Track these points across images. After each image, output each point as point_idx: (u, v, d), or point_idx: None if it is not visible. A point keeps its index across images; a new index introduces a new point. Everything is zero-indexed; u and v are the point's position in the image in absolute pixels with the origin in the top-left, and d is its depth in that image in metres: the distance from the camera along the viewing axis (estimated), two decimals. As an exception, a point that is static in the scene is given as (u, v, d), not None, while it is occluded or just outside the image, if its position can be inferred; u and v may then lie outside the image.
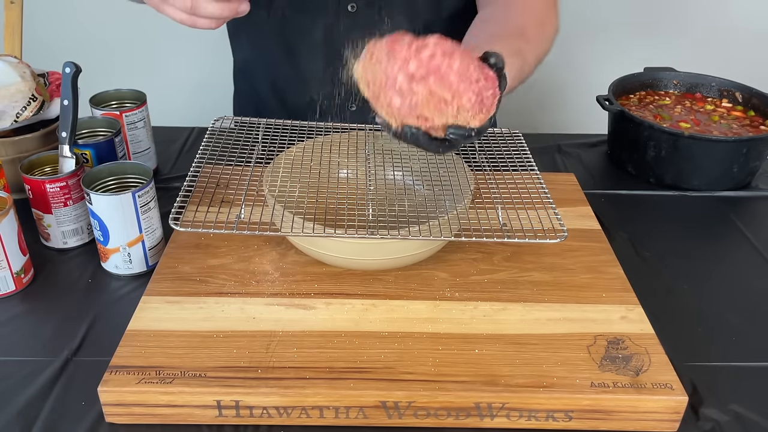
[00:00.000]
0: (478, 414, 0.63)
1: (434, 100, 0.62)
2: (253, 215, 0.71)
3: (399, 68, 0.61)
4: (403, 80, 0.61)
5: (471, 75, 0.62)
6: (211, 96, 1.53)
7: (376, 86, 0.63)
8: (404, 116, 0.63)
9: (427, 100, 0.62)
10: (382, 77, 0.62)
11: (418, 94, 0.61)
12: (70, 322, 0.74)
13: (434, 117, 0.63)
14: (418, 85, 0.61)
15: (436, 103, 0.62)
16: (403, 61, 0.61)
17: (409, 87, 0.61)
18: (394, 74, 0.61)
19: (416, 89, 0.61)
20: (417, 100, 0.62)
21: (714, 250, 0.91)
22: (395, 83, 0.62)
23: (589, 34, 1.75)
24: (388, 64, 0.62)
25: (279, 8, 1.01)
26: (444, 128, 0.64)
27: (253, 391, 0.62)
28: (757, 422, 0.65)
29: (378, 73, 0.63)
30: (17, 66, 0.92)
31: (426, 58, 0.61)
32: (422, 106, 0.62)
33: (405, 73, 0.61)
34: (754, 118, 1.10)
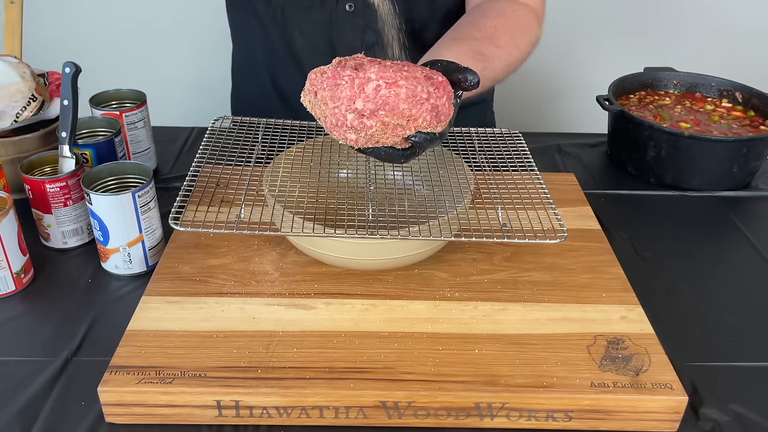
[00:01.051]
0: (478, 414, 0.63)
1: (389, 128, 0.63)
2: (253, 215, 0.71)
3: (346, 108, 0.62)
4: (354, 118, 0.62)
5: (420, 96, 0.62)
6: (211, 96, 1.53)
7: (328, 124, 0.64)
8: (363, 145, 0.64)
9: (382, 131, 0.63)
10: (330, 118, 0.63)
11: (372, 127, 0.62)
12: (70, 322, 0.74)
13: (394, 140, 0.64)
14: (369, 120, 0.62)
15: (393, 130, 0.63)
16: (348, 101, 0.62)
17: (361, 123, 0.62)
18: (343, 114, 0.62)
19: (369, 123, 0.62)
20: (372, 132, 0.62)
21: (714, 250, 0.91)
22: (346, 122, 0.62)
23: (589, 34, 1.76)
24: (334, 106, 0.63)
25: (278, 5, 1.01)
26: (405, 141, 0.64)
27: (253, 391, 0.62)
28: (757, 422, 0.65)
29: (326, 113, 0.64)
30: (17, 66, 0.92)
31: (371, 93, 0.61)
32: (379, 136, 0.63)
33: (353, 112, 0.62)
34: (754, 118, 1.10)
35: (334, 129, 0.64)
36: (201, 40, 1.70)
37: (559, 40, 1.70)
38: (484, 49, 0.81)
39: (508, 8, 0.91)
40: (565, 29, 1.70)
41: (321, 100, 0.64)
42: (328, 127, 0.65)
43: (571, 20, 1.69)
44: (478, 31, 0.84)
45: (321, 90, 0.64)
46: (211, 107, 1.26)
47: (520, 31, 0.88)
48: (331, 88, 0.63)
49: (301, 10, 1.01)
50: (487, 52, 0.81)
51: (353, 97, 0.62)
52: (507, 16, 0.89)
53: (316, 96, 0.65)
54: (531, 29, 0.91)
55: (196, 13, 1.70)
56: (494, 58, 0.82)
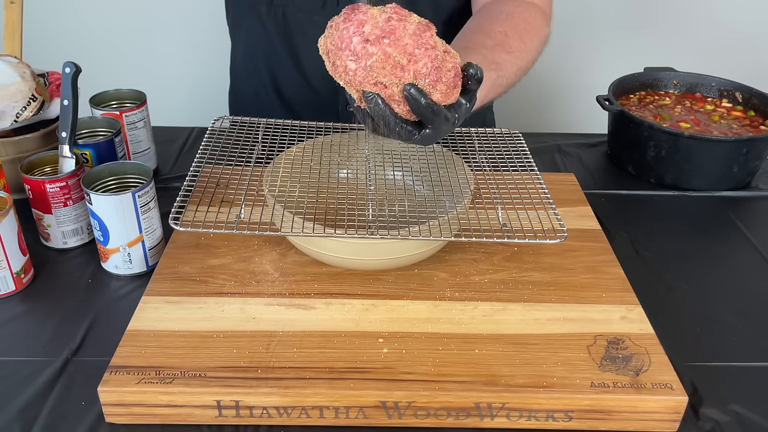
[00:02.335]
0: (478, 414, 0.63)
1: (389, 63, 0.61)
2: (253, 215, 0.71)
3: (354, 31, 0.61)
4: (358, 42, 0.61)
5: (427, 41, 0.62)
6: (211, 96, 1.53)
7: (333, 53, 0.63)
8: (360, 82, 0.62)
9: (382, 64, 0.61)
10: (338, 41, 0.62)
11: (373, 55, 0.61)
12: (70, 322, 0.74)
13: (391, 84, 0.62)
14: (372, 46, 0.61)
15: (392, 68, 0.61)
16: (358, 24, 0.61)
17: (364, 49, 0.61)
18: (349, 36, 0.61)
19: (371, 50, 0.61)
20: (372, 63, 0.61)
21: (714, 250, 0.91)
22: (350, 45, 0.61)
23: (590, 34, 1.76)
24: (344, 28, 0.62)
25: (279, 6, 1.01)
26: (403, 100, 0.63)
27: (253, 391, 0.62)
28: (757, 422, 0.65)
29: (335, 37, 0.63)
30: (17, 66, 0.92)
31: (381, 21, 0.61)
32: (378, 70, 0.61)
33: (360, 36, 0.61)
34: (754, 118, 1.10)
35: (337, 54, 0.62)
36: (201, 40, 1.71)
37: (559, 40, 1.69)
38: (496, 57, 0.81)
39: (515, 10, 0.90)
40: (565, 29, 1.70)
41: (335, 26, 0.63)
42: (332, 60, 0.63)
43: (571, 20, 1.69)
44: (488, 38, 0.84)
45: (338, 21, 0.64)
46: (211, 107, 1.27)
47: (529, 33, 0.88)
48: (346, 13, 0.63)
49: (303, 13, 1.01)
50: (499, 59, 0.82)
51: (363, 22, 0.61)
52: (515, 19, 0.89)
53: (331, 28, 0.64)
54: (540, 29, 0.91)
55: (196, 13, 1.71)
56: (506, 65, 0.82)
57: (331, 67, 0.64)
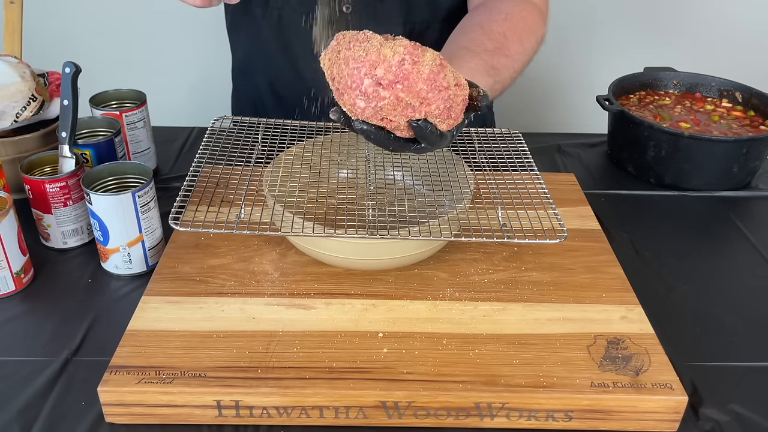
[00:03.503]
0: (478, 414, 0.63)
1: (401, 105, 0.61)
2: (253, 215, 0.71)
3: (366, 72, 0.60)
4: (369, 85, 0.60)
5: (440, 83, 0.61)
6: (211, 96, 1.53)
7: (341, 85, 0.62)
8: (368, 117, 0.62)
9: (393, 106, 0.61)
10: (347, 79, 0.61)
11: (385, 99, 0.60)
12: (70, 322, 0.74)
13: (399, 120, 0.62)
14: (384, 90, 0.60)
15: (403, 109, 0.61)
16: (370, 65, 0.60)
17: (376, 92, 0.60)
18: (360, 78, 0.60)
19: (383, 95, 0.60)
20: (383, 105, 0.61)
21: (714, 250, 0.91)
22: (361, 86, 0.61)
23: (590, 33, 1.76)
24: (354, 66, 0.61)
25: (275, 9, 1.01)
26: (407, 130, 0.63)
27: (253, 391, 0.62)
28: (757, 422, 0.65)
29: (344, 72, 0.62)
30: (17, 66, 0.92)
31: (395, 64, 0.60)
32: (388, 111, 0.61)
33: (372, 78, 0.60)
34: (754, 118, 1.10)
35: (346, 91, 0.62)
36: (201, 40, 1.71)
37: (559, 40, 1.70)
38: (495, 62, 0.82)
39: (514, 9, 0.90)
40: (566, 29, 1.70)
41: (343, 59, 0.62)
42: (339, 89, 0.63)
43: (571, 20, 1.69)
44: (488, 40, 0.84)
45: (346, 50, 0.62)
46: (211, 107, 1.26)
47: (527, 33, 0.88)
48: (355, 49, 0.61)
49: (299, 14, 1.01)
50: (498, 64, 0.82)
51: (376, 63, 0.60)
52: (514, 19, 0.89)
53: (339, 55, 0.63)
54: (537, 29, 0.91)
55: (196, 13, 1.70)
56: (504, 69, 0.83)
57: (336, 93, 0.64)
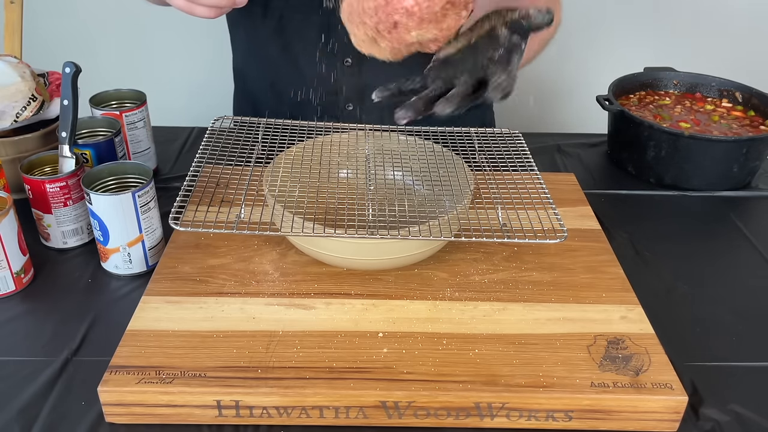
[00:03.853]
0: (478, 414, 0.63)
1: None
2: (253, 215, 0.71)
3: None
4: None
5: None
6: (211, 96, 1.53)
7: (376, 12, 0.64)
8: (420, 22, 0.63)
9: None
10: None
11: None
12: (70, 322, 0.74)
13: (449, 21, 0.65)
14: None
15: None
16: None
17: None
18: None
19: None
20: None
21: (714, 250, 0.91)
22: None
23: (590, 33, 1.75)
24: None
25: (276, 10, 1.01)
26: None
27: (253, 391, 0.62)
28: (757, 422, 0.65)
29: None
30: (17, 66, 0.92)
31: None
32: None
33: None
34: (754, 118, 1.10)
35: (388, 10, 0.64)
36: (201, 40, 1.70)
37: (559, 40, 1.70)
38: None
39: None
40: (566, 29, 1.69)
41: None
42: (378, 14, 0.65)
43: (571, 20, 1.69)
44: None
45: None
46: (211, 107, 1.26)
47: (554, 5, 0.88)
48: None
49: (299, 14, 1.01)
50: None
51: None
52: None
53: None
54: (557, 7, 0.90)
55: (196, 13, 1.70)
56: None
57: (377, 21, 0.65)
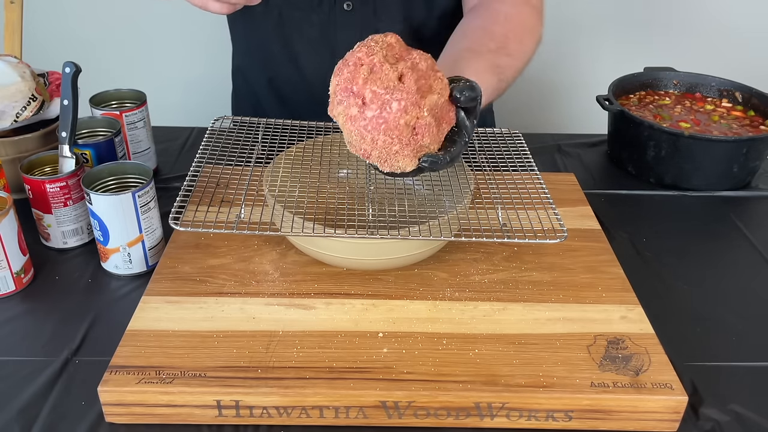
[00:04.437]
0: (478, 414, 0.63)
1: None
2: (253, 215, 0.71)
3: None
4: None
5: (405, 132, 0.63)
6: (211, 96, 1.53)
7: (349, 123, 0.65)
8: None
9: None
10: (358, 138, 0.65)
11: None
12: (70, 322, 0.74)
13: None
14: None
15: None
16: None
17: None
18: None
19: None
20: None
21: (714, 250, 0.91)
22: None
23: (590, 33, 1.76)
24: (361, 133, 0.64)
25: (275, 7, 1.02)
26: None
27: (253, 391, 0.62)
28: (757, 422, 0.65)
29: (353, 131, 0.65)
30: (17, 66, 0.92)
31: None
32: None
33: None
34: (754, 118, 1.10)
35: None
36: (201, 39, 1.71)
37: (559, 40, 1.70)
38: (499, 61, 0.82)
39: (513, 11, 0.91)
40: (566, 29, 1.70)
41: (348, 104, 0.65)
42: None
43: (571, 20, 1.70)
44: (491, 41, 0.85)
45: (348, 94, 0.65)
46: (211, 107, 1.26)
47: (527, 34, 0.89)
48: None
49: (300, 11, 1.01)
50: (502, 63, 0.83)
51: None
52: (514, 21, 0.89)
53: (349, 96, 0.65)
54: (535, 29, 0.91)
55: (196, 12, 1.70)
56: (507, 68, 0.83)
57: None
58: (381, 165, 0.65)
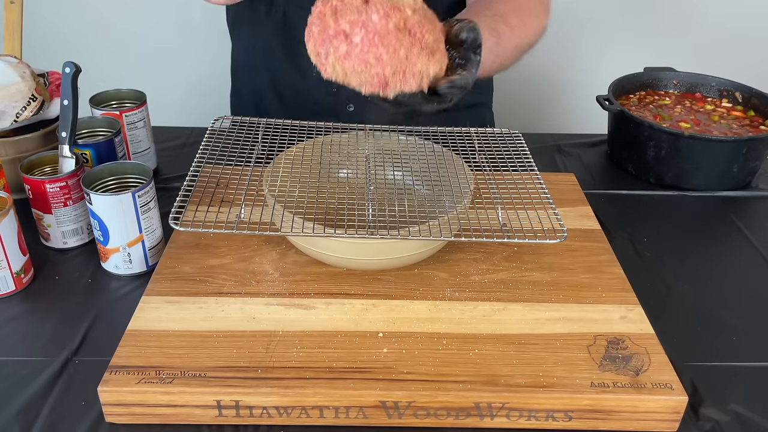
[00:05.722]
0: (478, 414, 0.63)
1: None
2: (253, 215, 0.71)
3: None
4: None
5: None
6: (211, 96, 1.53)
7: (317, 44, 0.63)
8: (354, 62, 0.61)
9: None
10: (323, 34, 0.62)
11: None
12: (70, 322, 0.74)
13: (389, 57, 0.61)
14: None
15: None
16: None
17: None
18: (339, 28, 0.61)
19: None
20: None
21: (714, 250, 0.91)
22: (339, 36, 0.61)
23: (590, 33, 1.76)
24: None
25: (279, 6, 1.01)
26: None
27: (253, 391, 0.62)
28: (757, 422, 0.65)
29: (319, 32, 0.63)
30: (17, 66, 0.92)
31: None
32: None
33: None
34: (754, 118, 1.10)
35: (323, 45, 0.63)
36: (201, 39, 1.71)
37: (559, 40, 1.70)
38: (497, 26, 0.80)
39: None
40: (565, 29, 1.70)
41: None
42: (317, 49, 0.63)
43: (571, 20, 1.69)
44: (489, 11, 0.83)
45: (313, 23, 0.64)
46: (211, 107, 1.26)
47: (529, 15, 0.87)
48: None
49: (305, 11, 1.01)
50: (500, 28, 0.80)
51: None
52: (517, 2, 0.88)
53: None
54: (539, 16, 0.90)
55: (196, 12, 1.71)
56: (505, 36, 0.81)
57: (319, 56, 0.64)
58: (404, 81, 0.61)
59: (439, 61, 0.62)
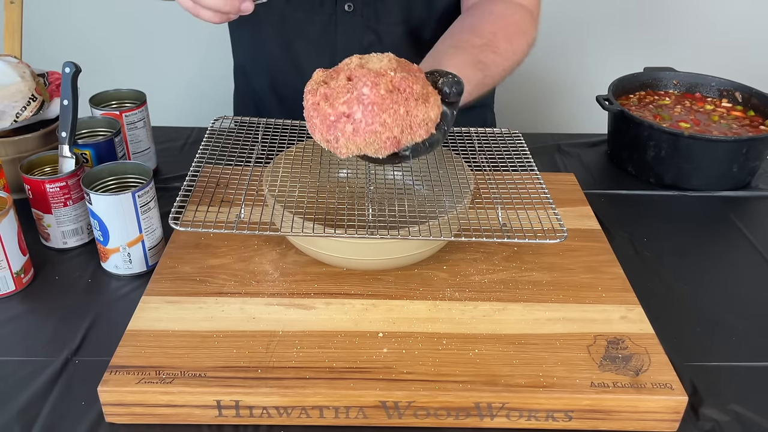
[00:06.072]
0: (478, 414, 0.63)
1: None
2: (253, 215, 0.71)
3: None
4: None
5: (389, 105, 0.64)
6: (211, 95, 1.53)
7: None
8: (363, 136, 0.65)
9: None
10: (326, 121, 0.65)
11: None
12: (70, 322, 0.74)
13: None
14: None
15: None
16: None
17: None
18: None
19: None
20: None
21: (714, 250, 0.91)
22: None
23: (590, 33, 1.76)
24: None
25: (277, 7, 1.01)
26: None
27: (253, 391, 0.62)
28: (757, 422, 0.65)
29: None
30: (17, 66, 0.92)
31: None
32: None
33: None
34: (754, 118, 1.10)
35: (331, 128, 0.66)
36: (201, 39, 1.71)
37: (559, 40, 1.70)
38: (483, 57, 0.82)
39: (505, 11, 0.91)
40: (565, 29, 1.70)
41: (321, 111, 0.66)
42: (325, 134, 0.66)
43: (571, 20, 1.70)
44: (477, 38, 0.84)
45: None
46: (211, 107, 1.26)
47: (517, 35, 0.89)
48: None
49: (301, 12, 1.01)
50: (486, 59, 0.82)
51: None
52: (505, 20, 0.89)
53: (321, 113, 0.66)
54: (527, 31, 0.91)
55: (196, 13, 1.70)
56: (493, 65, 0.83)
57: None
58: (413, 133, 0.65)
59: (435, 104, 0.66)
